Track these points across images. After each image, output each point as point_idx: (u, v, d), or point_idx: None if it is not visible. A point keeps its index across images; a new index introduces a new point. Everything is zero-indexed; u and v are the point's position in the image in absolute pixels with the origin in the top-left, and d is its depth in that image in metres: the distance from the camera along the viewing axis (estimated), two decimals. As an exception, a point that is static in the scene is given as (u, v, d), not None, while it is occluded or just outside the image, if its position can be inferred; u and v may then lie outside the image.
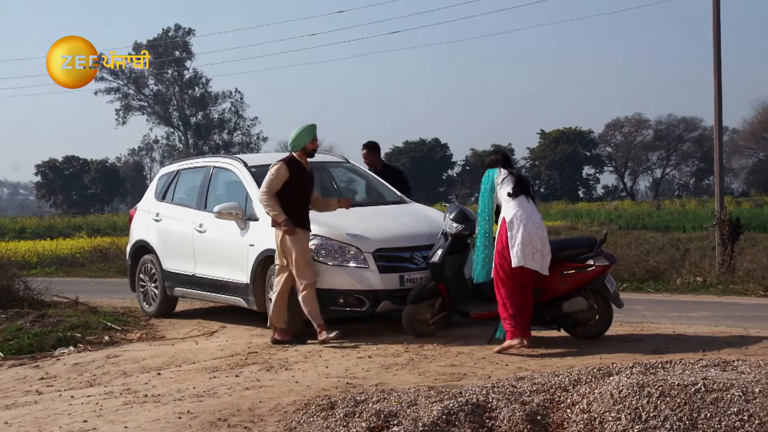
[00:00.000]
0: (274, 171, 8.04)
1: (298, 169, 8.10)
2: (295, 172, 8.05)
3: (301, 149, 8.14)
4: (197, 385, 6.40)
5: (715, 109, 14.63)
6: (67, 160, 67.98)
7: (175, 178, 10.46)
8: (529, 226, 7.14)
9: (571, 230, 26.45)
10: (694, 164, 65.09)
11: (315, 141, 8.21)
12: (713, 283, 12.87)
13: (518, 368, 6.62)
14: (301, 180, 8.09)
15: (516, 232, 7.11)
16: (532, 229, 7.15)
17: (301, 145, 8.13)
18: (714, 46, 14.61)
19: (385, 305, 8.10)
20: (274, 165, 8.12)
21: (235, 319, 9.74)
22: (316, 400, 5.50)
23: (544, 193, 61.36)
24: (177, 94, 71.75)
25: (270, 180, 8.03)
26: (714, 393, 4.66)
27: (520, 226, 7.12)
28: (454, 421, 4.80)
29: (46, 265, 20.79)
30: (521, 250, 7.08)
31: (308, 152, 8.19)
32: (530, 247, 7.11)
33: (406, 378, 6.39)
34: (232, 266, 8.97)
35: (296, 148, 8.16)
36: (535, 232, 7.17)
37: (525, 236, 7.10)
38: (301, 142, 8.13)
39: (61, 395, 6.54)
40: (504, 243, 7.15)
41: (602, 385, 5.06)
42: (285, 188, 8.01)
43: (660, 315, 9.81)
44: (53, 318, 9.58)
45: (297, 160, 8.15)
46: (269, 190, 8.00)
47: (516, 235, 7.10)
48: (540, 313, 7.59)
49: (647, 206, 43.29)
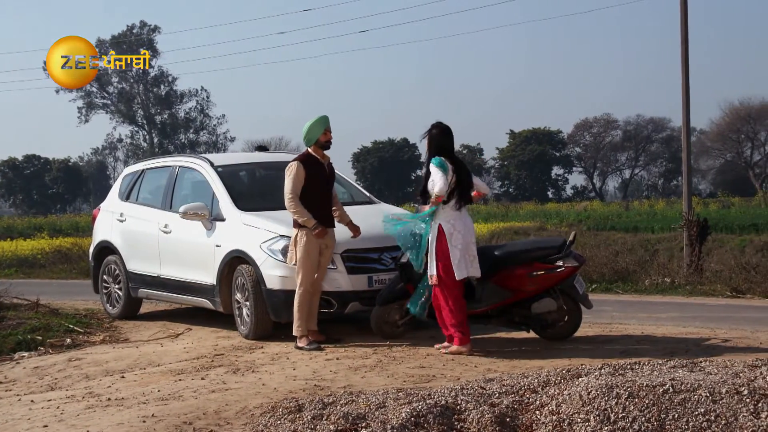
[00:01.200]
0: (292, 171, 7.72)
1: (314, 165, 7.82)
2: (311, 169, 7.78)
3: (315, 143, 7.87)
4: (162, 388, 6.30)
5: (683, 110, 14.77)
6: (27, 159, 67.03)
7: (139, 178, 10.32)
8: (467, 236, 7.21)
9: (540, 231, 26.55)
10: (662, 165, 65.78)
11: (328, 133, 7.86)
12: (681, 284, 12.99)
13: (487, 370, 6.59)
14: (319, 176, 7.81)
15: (456, 244, 7.14)
16: (469, 237, 7.23)
17: (314, 138, 7.83)
18: (682, 46, 14.74)
19: (353, 306, 8.03)
20: (289, 166, 7.82)
21: (200, 321, 9.63)
22: (283, 402, 5.43)
23: (513, 193, 61.70)
24: (142, 93, 71.13)
25: (291, 182, 7.69)
26: (682, 394, 4.66)
27: (459, 238, 7.16)
28: (422, 424, 4.75)
29: (6, 266, 20.45)
30: (463, 260, 7.13)
31: (322, 145, 7.88)
32: (469, 256, 7.19)
33: (375, 380, 6.34)
34: (197, 267, 8.85)
35: (310, 143, 7.86)
36: (471, 239, 7.26)
37: (464, 247, 7.16)
38: (314, 135, 7.82)
39: (20, 400, 6.39)
40: (446, 253, 7.13)
41: (571, 386, 5.04)
42: (304, 186, 7.73)
43: (629, 316, 9.86)
44: (13, 320, 9.41)
45: (312, 155, 7.87)
46: (294, 194, 7.67)
47: (456, 247, 7.13)
48: (509, 315, 7.58)
49: (616, 207, 43.62)
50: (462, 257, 7.12)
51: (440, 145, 7.30)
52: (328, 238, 7.78)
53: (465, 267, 7.13)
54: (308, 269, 7.67)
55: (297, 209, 7.65)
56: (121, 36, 69.36)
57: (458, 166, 7.31)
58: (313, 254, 7.67)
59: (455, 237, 7.14)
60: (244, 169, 9.69)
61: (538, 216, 36.86)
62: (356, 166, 64.27)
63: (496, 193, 63.78)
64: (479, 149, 66.04)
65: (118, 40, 68.45)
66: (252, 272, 8.15)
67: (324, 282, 7.92)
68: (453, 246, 7.12)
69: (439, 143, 7.31)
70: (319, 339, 7.85)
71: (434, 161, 7.22)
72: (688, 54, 14.74)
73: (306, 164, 7.78)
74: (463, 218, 7.25)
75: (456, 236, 7.14)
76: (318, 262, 7.72)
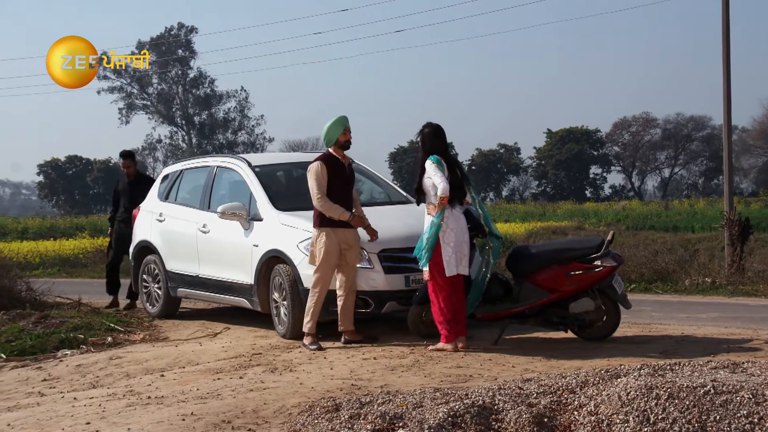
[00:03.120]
0: (315, 171, 7.75)
1: (336, 165, 7.86)
2: (333, 169, 7.82)
3: (335, 143, 7.91)
4: (201, 387, 6.35)
5: (724, 108, 14.55)
6: (69, 160, 68.00)
7: (178, 178, 10.42)
8: (459, 234, 7.28)
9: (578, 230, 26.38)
10: (702, 164, 64.87)
11: (347, 133, 7.89)
12: (722, 284, 12.80)
13: (525, 370, 6.56)
14: (340, 176, 7.85)
15: (448, 241, 7.23)
16: (461, 236, 7.29)
17: (333, 139, 7.87)
18: (723, 43, 14.53)
19: (390, 306, 8.03)
20: (310, 167, 7.86)
21: (239, 320, 9.70)
22: (320, 401, 5.44)
23: (551, 192, 61.24)
24: (181, 94, 71.81)
25: (316, 182, 7.72)
26: (723, 395, 4.59)
27: (452, 235, 7.24)
28: (460, 424, 4.74)
29: (49, 266, 20.78)
30: (454, 258, 7.21)
31: (342, 146, 7.92)
32: (460, 254, 7.26)
33: (412, 379, 6.33)
34: (235, 267, 8.92)
35: (330, 143, 7.90)
36: (463, 238, 7.31)
37: (456, 245, 7.23)
38: (333, 135, 7.85)
39: (63, 397, 6.50)
40: (438, 250, 7.23)
41: (610, 386, 5.00)
42: (327, 186, 7.77)
43: (668, 316, 9.75)
44: (56, 319, 9.54)
45: (333, 155, 7.91)
46: (322, 193, 7.71)
47: (448, 244, 7.22)
48: (547, 314, 7.54)
49: (655, 206, 43.13)
50: (453, 255, 7.22)
51: (433, 145, 7.42)
52: (351, 238, 7.80)
53: (455, 264, 7.23)
54: (326, 270, 7.73)
55: (329, 206, 7.69)
56: (160, 38, 70.12)
57: (452, 164, 7.42)
58: (332, 255, 7.71)
59: (448, 234, 7.25)
60: (282, 169, 9.75)
61: (575, 215, 36.60)
62: (393, 165, 64.27)
63: (533, 193, 63.39)
64: (516, 148, 65.73)
65: (157, 42, 69.21)
66: (289, 272, 8.19)
67: (361, 282, 7.94)
68: (445, 243, 7.23)
69: (431, 142, 7.43)
70: (356, 338, 7.88)
71: (431, 158, 7.33)
72: (730, 51, 14.52)
73: (327, 163, 7.82)
74: (456, 216, 7.32)
75: (449, 234, 7.25)
76: (337, 263, 7.76)
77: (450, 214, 7.29)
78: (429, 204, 7.35)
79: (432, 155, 7.35)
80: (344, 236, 7.76)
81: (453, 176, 7.35)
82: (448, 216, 7.27)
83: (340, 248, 7.73)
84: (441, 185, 7.15)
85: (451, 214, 7.29)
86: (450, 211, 7.29)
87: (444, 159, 7.38)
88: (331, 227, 7.72)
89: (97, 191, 67.19)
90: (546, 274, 7.39)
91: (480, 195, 8.95)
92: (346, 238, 7.76)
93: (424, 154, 7.43)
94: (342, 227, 7.75)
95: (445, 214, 7.26)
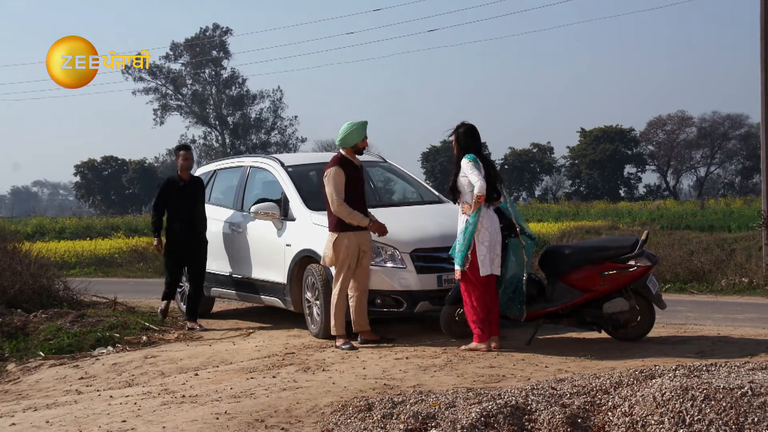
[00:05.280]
0: (333, 176, 7.76)
1: (350, 167, 7.90)
2: (349, 172, 7.85)
3: (351, 146, 7.94)
4: (234, 386, 6.39)
5: (761, 106, 14.35)
6: (105, 161, 68.77)
7: (212, 178, 10.50)
8: (494, 234, 7.27)
9: (612, 230, 26.13)
10: (739, 162, 63.99)
11: (366, 139, 7.94)
12: (760, 284, 12.62)
13: (558, 370, 6.52)
14: (354, 178, 7.89)
15: (483, 240, 7.20)
16: (495, 236, 7.28)
17: (352, 142, 7.89)
18: (762, 39, 14.34)
19: (422, 306, 8.03)
20: (328, 172, 7.83)
21: (272, 319, 9.75)
22: (353, 401, 5.46)
23: (584, 192, 60.80)
24: (214, 94, 72.33)
25: (334, 187, 7.73)
26: (761, 397, 4.53)
27: (486, 235, 7.22)
28: (492, 424, 4.72)
29: (85, 265, 21.06)
30: (488, 258, 7.20)
31: (358, 150, 7.96)
32: (493, 254, 7.25)
33: (444, 379, 6.32)
34: (268, 266, 8.96)
35: (346, 145, 7.91)
36: (497, 238, 7.29)
37: (491, 245, 7.22)
38: (353, 139, 7.88)
39: (100, 395, 6.58)
40: (473, 250, 7.21)
41: (644, 387, 4.95)
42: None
43: (704, 317, 9.63)
44: (92, 318, 9.66)
45: (347, 158, 7.94)
46: (341, 199, 7.72)
47: (483, 244, 7.20)
48: (580, 314, 7.49)
49: (691, 205, 42.62)
50: (487, 254, 7.20)
51: (467, 144, 7.41)
52: (367, 241, 7.84)
53: (489, 264, 7.22)
54: (346, 273, 7.77)
55: (348, 212, 7.71)
56: (195, 39, 70.68)
57: (486, 164, 7.40)
58: (353, 258, 7.76)
59: (482, 234, 7.23)
60: (314, 169, 9.77)
61: (609, 215, 36.28)
62: (425, 165, 64.23)
63: (566, 192, 62.95)
64: (549, 148, 65.31)
65: (192, 43, 69.76)
66: (322, 271, 8.21)
67: (393, 281, 7.96)
68: (480, 242, 7.22)
69: (466, 142, 7.41)
70: (372, 338, 7.90)
71: (468, 157, 7.32)
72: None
73: (343, 166, 7.84)
74: (491, 216, 7.31)
75: (483, 233, 7.23)
76: (355, 266, 7.80)
77: (485, 213, 7.28)
78: (464, 203, 7.34)
79: (469, 154, 7.35)
80: (362, 239, 7.82)
81: (487, 176, 7.34)
82: (482, 215, 7.26)
83: (359, 251, 7.77)
84: (478, 183, 7.14)
85: (485, 213, 7.28)
86: (485, 210, 7.28)
87: (479, 158, 7.38)
88: (350, 231, 7.77)
89: (133, 191, 67.91)
90: (579, 273, 7.35)
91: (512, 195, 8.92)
92: (363, 241, 7.82)
93: (459, 153, 7.43)
94: (359, 230, 7.80)
95: (480, 213, 7.25)
